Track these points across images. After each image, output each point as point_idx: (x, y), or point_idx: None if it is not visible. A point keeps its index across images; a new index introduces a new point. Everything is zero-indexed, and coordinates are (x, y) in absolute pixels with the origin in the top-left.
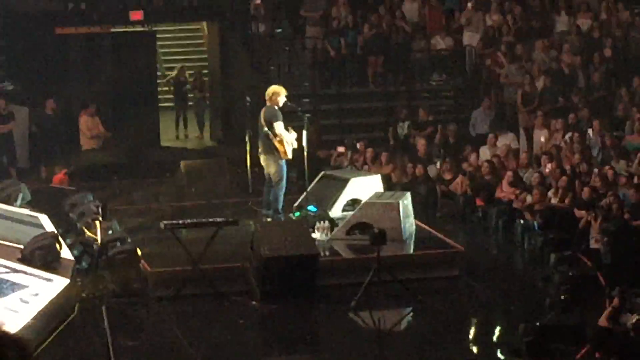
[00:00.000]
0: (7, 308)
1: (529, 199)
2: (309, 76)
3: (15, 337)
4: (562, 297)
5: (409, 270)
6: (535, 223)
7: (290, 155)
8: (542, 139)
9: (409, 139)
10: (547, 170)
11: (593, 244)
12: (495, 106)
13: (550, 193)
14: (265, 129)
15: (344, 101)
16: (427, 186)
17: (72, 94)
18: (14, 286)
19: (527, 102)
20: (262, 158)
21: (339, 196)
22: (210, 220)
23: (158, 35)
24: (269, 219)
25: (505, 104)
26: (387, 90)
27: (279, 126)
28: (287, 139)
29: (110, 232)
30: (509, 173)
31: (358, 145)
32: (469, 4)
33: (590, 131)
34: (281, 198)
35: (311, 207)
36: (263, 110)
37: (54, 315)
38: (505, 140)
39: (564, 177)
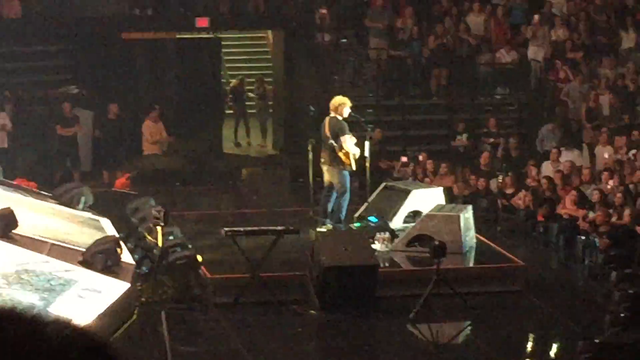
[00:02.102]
0: (78, 297)
1: (590, 215)
2: (373, 87)
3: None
4: (622, 314)
5: (469, 284)
6: (596, 240)
7: (354, 167)
8: (606, 156)
9: (471, 152)
10: (608, 187)
11: None
12: (561, 122)
13: (611, 210)
14: (331, 140)
15: (407, 112)
16: (489, 200)
17: (136, 98)
18: (71, 284)
19: (591, 119)
20: (325, 168)
21: (400, 207)
22: (271, 228)
23: (223, 43)
24: (327, 228)
25: (570, 119)
26: (451, 102)
27: (346, 139)
28: (353, 151)
29: (171, 237)
30: (573, 192)
31: (420, 157)
32: (535, 18)
33: None
34: (345, 208)
35: (372, 218)
36: (327, 120)
37: (113, 318)
38: (569, 156)
39: (619, 195)
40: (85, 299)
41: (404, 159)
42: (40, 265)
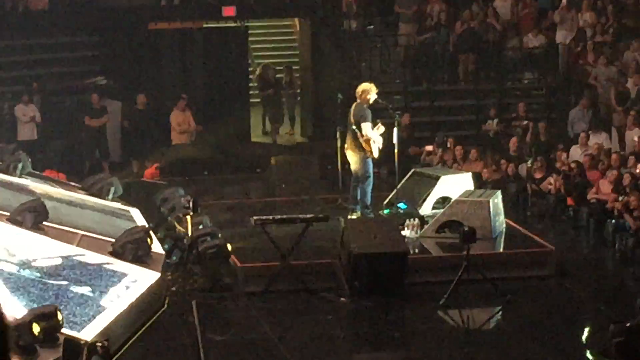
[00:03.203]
0: (116, 295)
1: (621, 199)
2: (400, 73)
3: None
4: None
5: (499, 269)
6: (628, 224)
7: (376, 155)
8: (635, 139)
9: (500, 137)
10: (638, 171)
11: None
12: (590, 105)
13: None
14: (354, 126)
15: (435, 99)
16: (518, 184)
17: (164, 88)
18: (118, 275)
19: (620, 102)
20: (348, 153)
21: (429, 194)
22: (300, 216)
23: (250, 31)
24: (357, 215)
25: (600, 103)
26: (479, 88)
27: (366, 127)
28: (375, 139)
29: (200, 226)
30: (614, 172)
31: (448, 143)
32: (563, 1)
33: None
34: (369, 194)
35: (401, 205)
36: (353, 106)
37: (144, 308)
38: (598, 139)
39: None
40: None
41: (429, 147)
42: (86, 257)
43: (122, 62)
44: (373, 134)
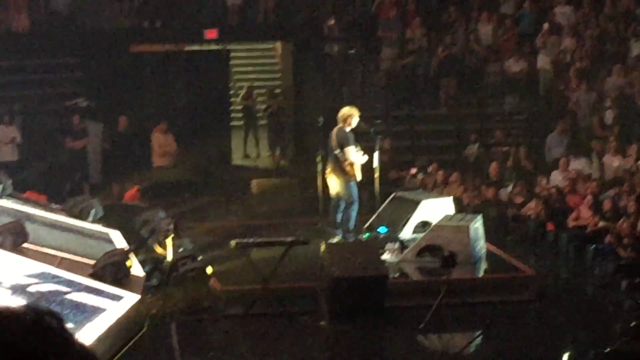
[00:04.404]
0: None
1: (601, 224)
2: (382, 97)
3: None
4: (633, 323)
5: (479, 294)
6: (607, 249)
7: (359, 177)
8: (615, 164)
9: (481, 162)
10: (630, 203)
11: None
12: (570, 130)
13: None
14: (336, 151)
15: (417, 123)
16: (498, 209)
17: (145, 111)
18: (95, 309)
19: (600, 128)
20: (330, 178)
21: (409, 218)
22: (281, 239)
23: (232, 54)
24: (337, 239)
25: (580, 128)
26: (460, 112)
27: (350, 150)
28: (358, 162)
29: (181, 249)
30: (589, 198)
31: (429, 167)
32: (544, 27)
33: None
34: (353, 218)
35: (382, 229)
36: (335, 131)
37: (123, 331)
38: (577, 164)
39: (632, 203)
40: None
41: (413, 170)
42: (63, 286)
43: (104, 84)
44: (357, 157)
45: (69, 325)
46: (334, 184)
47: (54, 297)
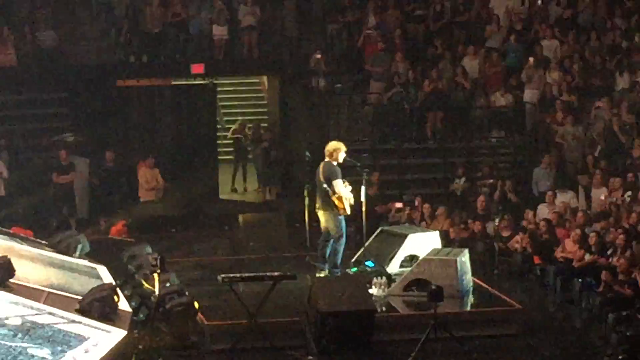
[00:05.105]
0: (84, 352)
1: (587, 257)
2: (369, 131)
3: None
4: (620, 357)
5: (466, 328)
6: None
7: (349, 212)
8: (602, 198)
9: (467, 195)
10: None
11: None
12: (556, 164)
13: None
14: (324, 185)
15: (403, 156)
16: (485, 243)
17: (132, 145)
18: (79, 338)
19: (586, 161)
20: (320, 213)
21: (396, 252)
22: (268, 274)
23: (218, 89)
24: (324, 274)
25: (566, 162)
26: (447, 146)
27: (338, 184)
28: (346, 195)
29: (167, 284)
30: (577, 231)
31: (416, 202)
32: (530, 61)
33: None
34: (341, 253)
35: (369, 263)
36: (322, 165)
37: None
38: (564, 198)
39: (621, 236)
40: (88, 349)
41: (399, 205)
42: (46, 318)
43: (91, 118)
44: (345, 190)
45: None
46: (323, 218)
47: (37, 328)
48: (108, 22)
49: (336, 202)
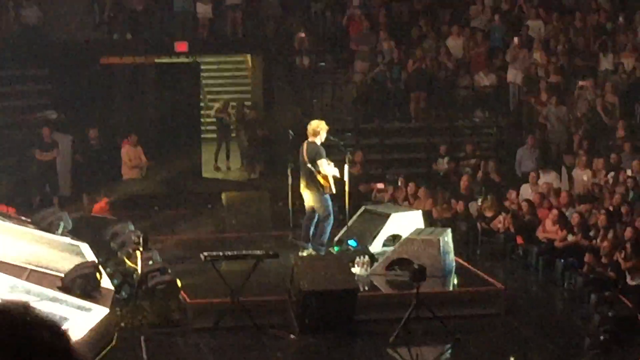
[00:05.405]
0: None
1: (570, 238)
2: (352, 110)
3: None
4: (602, 337)
5: (448, 307)
6: (576, 263)
7: (334, 190)
8: (585, 178)
9: (450, 175)
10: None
11: (630, 280)
12: (540, 144)
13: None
14: (309, 165)
15: (387, 136)
16: (468, 223)
17: (115, 123)
18: (59, 320)
19: (570, 142)
20: (305, 193)
21: (379, 231)
22: (251, 252)
23: (202, 67)
24: (307, 253)
25: (549, 142)
26: (430, 126)
27: (323, 163)
28: (332, 174)
29: (150, 262)
30: (555, 212)
31: (399, 181)
32: (515, 41)
33: (629, 171)
34: (328, 232)
35: (351, 242)
36: (305, 145)
37: (92, 344)
38: (547, 178)
39: (603, 217)
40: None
41: (380, 185)
42: (26, 298)
43: (74, 96)
44: (330, 169)
45: None
46: (309, 198)
47: None
48: None
49: (322, 181)
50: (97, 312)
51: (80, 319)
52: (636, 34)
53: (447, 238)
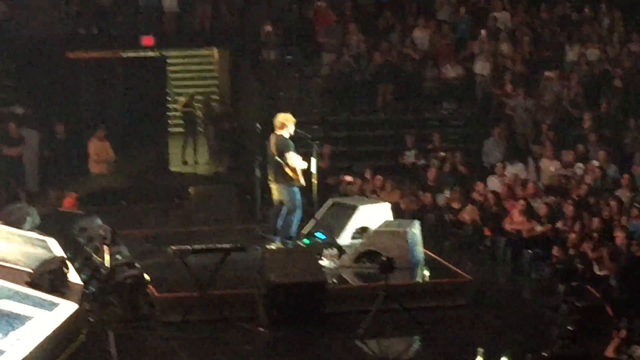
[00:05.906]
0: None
1: (538, 228)
2: (319, 103)
3: None
4: (570, 327)
5: (417, 299)
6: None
7: (303, 182)
8: (552, 169)
9: (418, 167)
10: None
11: (597, 271)
12: (507, 136)
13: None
14: (277, 157)
15: (354, 129)
16: (436, 215)
17: (82, 118)
18: (21, 319)
19: (537, 133)
20: (273, 186)
21: (347, 224)
22: (219, 246)
23: (168, 61)
24: (276, 245)
25: (517, 133)
26: (397, 118)
27: (291, 156)
28: (301, 166)
29: (118, 256)
30: (522, 202)
31: (366, 173)
32: (482, 33)
33: (595, 162)
34: (296, 225)
35: (319, 234)
36: (273, 138)
37: (61, 340)
38: (514, 169)
39: (571, 208)
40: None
41: (348, 178)
42: None
43: (40, 91)
44: (299, 162)
45: None
46: (277, 191)
47: None
48: None
49: (290, 173)
50: (65, 308)
51: (48, 315)
52: (602, 25)
53: (415, 230)
